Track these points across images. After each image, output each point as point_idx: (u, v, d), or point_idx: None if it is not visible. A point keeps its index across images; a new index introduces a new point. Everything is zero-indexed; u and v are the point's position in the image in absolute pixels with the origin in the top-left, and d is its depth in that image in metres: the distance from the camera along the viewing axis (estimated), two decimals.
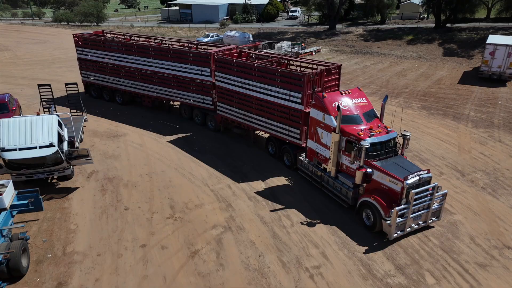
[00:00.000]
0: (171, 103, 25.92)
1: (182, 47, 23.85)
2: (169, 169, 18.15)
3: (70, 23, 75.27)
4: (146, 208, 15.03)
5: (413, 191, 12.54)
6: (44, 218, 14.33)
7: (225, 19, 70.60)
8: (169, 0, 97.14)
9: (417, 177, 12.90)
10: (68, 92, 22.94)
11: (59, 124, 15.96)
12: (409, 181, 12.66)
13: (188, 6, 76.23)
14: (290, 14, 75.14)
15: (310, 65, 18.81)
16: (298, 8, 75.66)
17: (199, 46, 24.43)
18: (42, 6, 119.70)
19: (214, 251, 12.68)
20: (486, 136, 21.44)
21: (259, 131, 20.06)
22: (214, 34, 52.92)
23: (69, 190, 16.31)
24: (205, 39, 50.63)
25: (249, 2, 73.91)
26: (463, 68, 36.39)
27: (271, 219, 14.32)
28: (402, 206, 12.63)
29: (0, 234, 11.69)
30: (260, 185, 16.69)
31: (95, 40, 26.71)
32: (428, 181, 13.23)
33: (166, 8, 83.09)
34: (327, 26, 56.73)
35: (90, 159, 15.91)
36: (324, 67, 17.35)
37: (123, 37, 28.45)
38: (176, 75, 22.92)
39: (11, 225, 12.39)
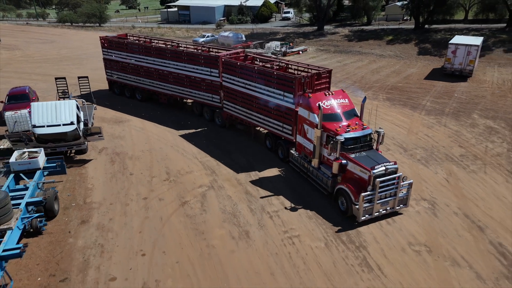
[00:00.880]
0: (184, 100, 28.25)
1: (195, 50, 26.01)
2: (166, 146, 22.01)
3: (73, 24, 79.01)
4: (147, 173, 18.92)
5: (378, 179, 14.36)
6: (67, 180, 18.21)
7: (221, 20, 74.43)
8: (169, 2, 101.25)
9: (384, 168, 14.68)
10: (80, 85, 26.80)
11: (77, 108, 19.90)
12: (375, 171, 14.48)
13: (186, 7, 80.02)
14: (283, 15, 78.89)
15: (306, 69, 20.33)
16: (291, 10, 79.44)
17: (210, 50, 26.18)
18: (44, 7, 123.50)
19: (199, 202, 16.56)
20: (434, 122, 25.34)
21: (259, 127, 22.01)
22: (209, 34, 56.80)
23: (85, 161, 20.19)
24: (201, 39, 54.49)
25: (244, 4, 77.60)
26: (433, 65, 40.24)
27: (245, 180, 18.21)
28: (368, 192, 14.47)
29: (37, 186, 15.56)
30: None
31: (118, 42, 29.06)
32: (394, 171, 14.95)
33: (165, 9, 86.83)
34: (316, 27, 60.65)
35: (101, 136, 19.85)
36: (316, 72, 19.21)
37: (144, 40, 30.43)
38: (188, 75, 25.08)
39: (44, 181, 16.26)
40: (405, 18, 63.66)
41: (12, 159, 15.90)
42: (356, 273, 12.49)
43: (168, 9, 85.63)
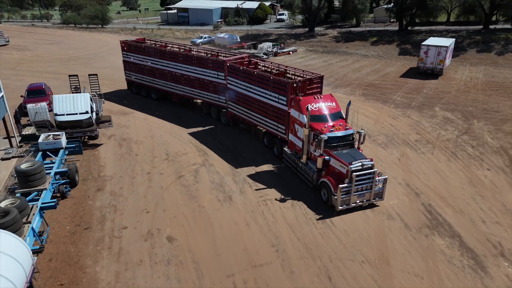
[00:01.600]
0: (195, 100, 30.47)
1: (204, 55, 28.12)
2: (166, 133, 25.67)
3: (77, 25, 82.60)
4: (150, 154, 22.58)
5: (354, 173, 16.09)
6: (83, 159, 21.85)
7: (218, 21, 78.11)
8: (168, 4, 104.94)
9: (360, 163, 16.33)
10: (91, 81, 30.42)
11: (91, 100, 23.55)
12: (352, 166, 16.16)
13: (185, 9, 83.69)
14: (278, 17, 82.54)
15: (302, 74, 21.91)
16: (285, 12, 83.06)
17: (219, 54, 28.31)
18: (47, 8, 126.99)
19: (192, 175, 20.22)
20: (400, 114, 29.01)
21: (258, 126, 23.76)
22: (206, 36, 60.49)
23: (97, 145, 23.84)
24: (199, 40, 58.24)
25: (240, 6, 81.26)
26: (410, 65, 43.91)
27: (233, 159, 21.87)
28: (345, 185, 16.10)
29: (61, 161, 19.21)
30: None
31: (136, 46, 31.44)
32: (370, 167, 16.54)
33: (165, 11, 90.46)
34: (308, 29, 64.28)
35: (111, 123, 23.54)
36: (309, 77, 21.06)
37: (160, 44, 32.60)
38: (198, 78, 27.27)
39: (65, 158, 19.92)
40: (391, 20, 67.28)
41: (40, 140, 19.56)
42: (312, 224, 16.16)
43: (168, 11, 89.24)
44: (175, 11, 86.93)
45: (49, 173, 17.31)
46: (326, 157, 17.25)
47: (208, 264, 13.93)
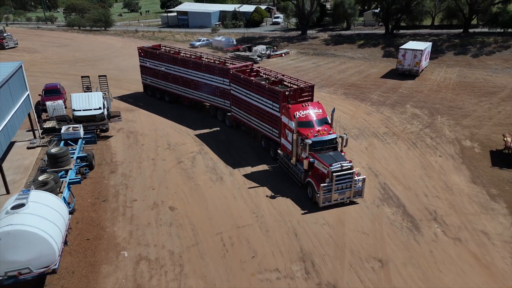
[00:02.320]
0: (204, 104, 32.35)
1: (213, 62, 30.42)
2: (167, 127, 29.43)
3: (81, 28, 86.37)
4: (154, 144, 26.33)
5: (334, 174, 18.03)
6: (97, 148, 25.58)
7: (216, 24, 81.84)
8: (168, 6, 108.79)
9: (339, 165, 18.13)
10: (100, 81, 34.15)
11: (103, 97, 27.31)
12: (332, 167, 18.03)
13: (185, 12, 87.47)
14: (273, 20, 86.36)
15: (297, 83, 23.83)
16: (281, 15, 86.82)
17: (226, 62, 30.48)
18: (49, 10, 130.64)
19: (190, 161, 23.97)
20: (374, 110, 32.77)
21: (256, 130, 25.52)
22: (205, 38, 64.27)
23: (107, 137, 27.59)
24: (197, 43, 62.05)
25: (238, 10, 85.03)
26: (392, 66, 47.56)
27: (226, 150, 25.63)
28: (326, 184, 18.05)
29: (80, 149, 22.94)
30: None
31: (152, 52, 34.02)
32: (349, 168, 18.29)
33: (166, 14, 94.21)
34: (300, 32, 68.02)
35: (120, 118, 27.32)
36: (301, 86, 22.96)
37: (173, 50, 34.98)
38: (206, 83, 29.68)
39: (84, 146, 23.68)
40: (380, 24, 71.00)
41: (62, 131, 23.31)
42: (287, 198, 19.91)
43: (168, 14, 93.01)
44: (175, 14, 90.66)
45: (72, 157, 21.05)
46: (311, 159, 19.26)
47: (202, 225, 17.70)
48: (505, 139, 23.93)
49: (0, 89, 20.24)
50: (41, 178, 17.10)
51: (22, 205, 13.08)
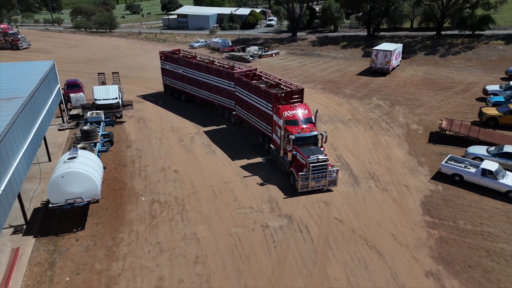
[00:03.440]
0: (214, 103, 35.41)
1: (221, 67, 33.80)
2: (171, 115, 35.51)
3: (87, 30, 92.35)
4: (160, 128, 32.43)
5: (311, 164, 21.35)
6: (114, 130, 31.58)
7: (214, 26, 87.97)
8: (169, 9, 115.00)
9: (316, 157, 21.35)
10: (113, 78, 40.23)
11: (119, 89, 33.47)
12: (309, 159, 21.27)
13: (185, 15, 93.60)
14: (268, 22, 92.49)
15: (290, 86, 26.76)
16: (274, 18, 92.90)
17: (234, 67, 33.58)
18: (54, 11, 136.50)
19: (190, 140, 30.07)
20: (344, 102, 38.88)
21: (255, 127, 28.69)
22: (203, 40, 70.34)
23: (122, 122, 33.66)
24: (196, 44, 68.13)
25: (234, 13, 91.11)
26: (368, 65, 53.66)
27: (221, 134, 31.72)
28: (304, 173, 21.48)
29: (103, 129, 29.00)
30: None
31: (171, 57, 38.04)
32: (324, 160, 21.55)
33: (167, 17, 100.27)
34: (291, 33, 74.13)
35: (132, 106, 33.48)
36: (293, 89, 25.83)
37: (190, 55, 38.76)
38: (215, 85, 33.42)
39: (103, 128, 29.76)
40: (364, 26, 77.09)
41: (88, 115, 29.41)
42: (264, 165, 26.01)
43: (169, 16, 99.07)
44: (175, 16, 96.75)
45: (98, 134, 27.15)
46: (294, 152, 22.79)
47: (198, 181, 23.83)
48: (440, 122, 30.06)
49: (43, 82, 26.28)
50: (79, 146, 23.18)
51: (74, 157, 19.17)
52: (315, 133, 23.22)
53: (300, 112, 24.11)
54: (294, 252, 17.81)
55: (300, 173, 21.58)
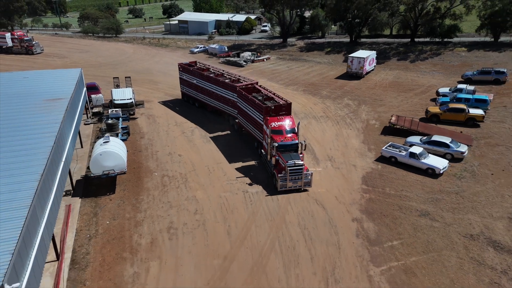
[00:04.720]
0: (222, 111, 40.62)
1: (228, 79, 38.75)
2: (175, 112, 42.99)
3: (94, 34, 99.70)
4: (166, 122, 39.92)
5: (288, 168, 25.48)
6: (130, 124, 39.08)
7: (213, 32, 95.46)
8: (170, 13, 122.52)
9: (293, 162, 25.49)
10: (126, 81, 47.67)
11: (132, 91, 41.02)
12: (288, 164, 25.40)
13: (185, 21, 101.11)
14: (262, 28, 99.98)
15: (282, 100, 31.06)
16: (268, 24, 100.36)
17: (239, 80, 38.30)
18: (59, 15, 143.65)
19: (191, 132, 37.57)
20: (320, 101, 46.36)
21: (251, 133, 33.10)
22: (202, 46, 77.82)
23: (135, 118, 41.13)
24: (195, 50, 75.64)
25: (231, 19, 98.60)
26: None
27: (218, 129, 39.22)
28: (282, 175, 25.68)
29: (121, 123, 36.48)
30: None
31: (187, 68, 43.49)
32: (300, 165, 25.54)
33: (168, 22, 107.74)
34: (282, 39, 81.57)
35: (143, 105, 41.05)
36: (281, 103, 30.07)
37: (204, 67, 44.24)
38: (222, 95, 38.55)
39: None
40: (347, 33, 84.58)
41: (109, 112, 36.87)
42: (256, 157, 33.55)
43: (171, 22, 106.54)
44: (176, 22, 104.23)
45: (119, 126, 34.63)
46: (276, 157, 26.99)
47: (197, 162, 31.35)
48: (390, 118, 37.60)
49: (78, 86, 33.71)
50: (106, 135, 30.66)
51: (108, 141, 26.66)
52: (296, 141, 27.65)
53: (285, 124, 28.45)
54: (264, 207, 25.32)
55: (279, 175, 26.13)
